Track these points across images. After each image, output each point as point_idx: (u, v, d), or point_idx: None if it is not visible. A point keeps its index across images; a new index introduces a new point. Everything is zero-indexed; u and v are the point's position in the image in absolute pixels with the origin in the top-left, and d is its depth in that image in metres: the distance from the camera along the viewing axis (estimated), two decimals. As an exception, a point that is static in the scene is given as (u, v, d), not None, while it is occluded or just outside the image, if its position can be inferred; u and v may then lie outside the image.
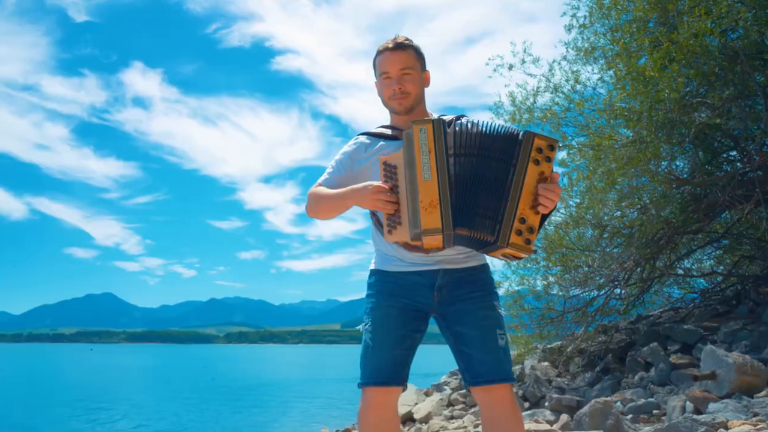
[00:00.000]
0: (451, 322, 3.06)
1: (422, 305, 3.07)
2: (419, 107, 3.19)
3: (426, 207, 2.64)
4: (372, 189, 2.83)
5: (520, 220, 2.62)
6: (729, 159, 10.03)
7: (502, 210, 2.64)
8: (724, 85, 7.97)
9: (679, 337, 8.58)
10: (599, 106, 8.81)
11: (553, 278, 10.32)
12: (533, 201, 2.66)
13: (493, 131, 2.74)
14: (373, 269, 3.21)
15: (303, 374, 48.28)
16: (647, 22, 8.44)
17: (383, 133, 3.23)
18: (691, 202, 9.34)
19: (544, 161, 2.68)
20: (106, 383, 36.22)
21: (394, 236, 2.81)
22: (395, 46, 3.12)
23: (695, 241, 10.87)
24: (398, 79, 3.10)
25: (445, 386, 11.76)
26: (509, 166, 2.68)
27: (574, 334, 10.51)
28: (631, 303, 10.67)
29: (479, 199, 2.69)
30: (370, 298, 3.16)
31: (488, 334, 2.98)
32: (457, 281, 3.05)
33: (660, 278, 10.60)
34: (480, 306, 3.02)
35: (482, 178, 2.70)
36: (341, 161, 3.24)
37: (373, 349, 3.03)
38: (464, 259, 3.07)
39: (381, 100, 3.22)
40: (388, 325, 3.05)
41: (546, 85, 9.61)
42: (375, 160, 3.07)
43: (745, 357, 6.26)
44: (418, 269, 3.05)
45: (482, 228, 2.66)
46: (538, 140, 2.69)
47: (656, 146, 7.91)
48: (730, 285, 10.70)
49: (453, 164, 2.71)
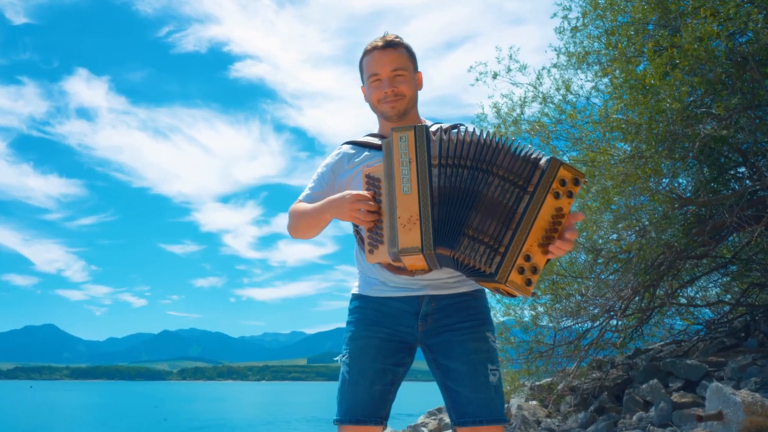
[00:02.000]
0: (437, 354, 3.00)
1: (406, 335, 2.99)
2: (413, 112, 3.17)
3: (405, 223, 2.59)
4: (350, 198, 2.79)
5: (525, 256, 2.51)
6: (737, 176, 10.04)
7: (506, 240, 2.54)
8: (731, 94, 7.92)
9: (681, 374, 8.54)
10: (593, 117, 8.74)
11: (543, 308, 10.29)
12: (543, 238, 2.54)
13: (505, 147, 2.61)
14: (355, 293, 3.17)
15: (266, 414, 48.13)
16: (646, 24, 8.43)
17: (369, 143, 3.20)
18: (695, 224, 9.28)
19: (565, 195, 2.55)
20: (47, 424, 35.94)
21: (375, 256, 2.76)
22: (385, 44, 3.09)
23: (700, 267, 10.87)
24: (390, 81, 3.07)
25: (423, 428, 11.71)
26: (523, 191, 2.56)
27: (565, 369, 10.48)
28: (629, 335, 10.67)
29: (470, 217, 2.60)
30: (349, 326, 3.12)
31: (479, 369, 2.92)
32: (445, 308, 2.95)
33: (660, 308, 10.58)
34: (470, 337, 2.96)
35: (476, 194, 2.62)
36: (323, 174, 3.24)
37: (350, 383, 3.01)
38: (455, 283, 2.97)
39: (369, 106, 3.20)
40: (366, 357, 3.01)
41: (534, 94, 9.56)
42: (358, 173, 3.05)
43: (754, 395, 6.21)
44: (401, 294, 2.97)
45: (472, 252, 2.54)
46: (564, 171, 2.55)
47: (656, 162, 7.87)
48: (739, 315, 10.72)
49: (438, 176, 2.63)
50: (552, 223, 2.54)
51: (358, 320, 3.08)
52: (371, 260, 2.79)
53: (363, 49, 3.19)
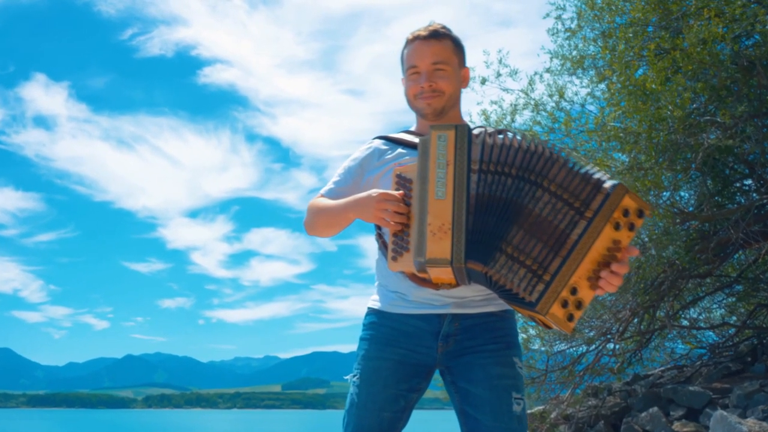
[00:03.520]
0: (457, 377, 2.94)
1: (424, 357, 2.95)
2: (453, 111, 3.10)
3: (435, 231, 2.51)
4: (377, 197, 2.73)
5: (571, 289, 2.40)
6: (743, 189, 10.09)
7: (552, 268, 2.41)
8: (737, 101, 7.95)
9: (683, 401, 8.55)
10: (589, 126, 8.75)
11: (534, 331, 10.27)
12: (593, 272, 2.43)
13: (560, 159, 2.49)
14: (371, 308, 3.11)
15: (237, 445, 48.00)
16: (646, 25, 8.43)
17: (403, 139, 3.14)
18: (698, 241, 9.31)
19: (625, 228, 2.45)
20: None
21: (399, 264, 2.70)
22: (429, 34, 3.02)
23: (703, 287, 10.90)
24: (429, 75, 3.00)
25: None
26: (579, 216, 2.44)
27: (558, 397, 10.48)
28: (627, 360, 10.69)
29: (509, 232, 2.49)
30: (362, 343, 3.06)
31: (502, 396, 2.85)
32: (469, 329, 2.89)
33: (661, 331, 10.60)
34: (495, 361, 2.89)
35: (519, 207, 2.50)
36: (350, 169, 3.19)
37: (358, 407, 2.95)
38: (481, 302, 2.90)
39: (406, 101, 3.15)
40: (378, 380, 2.95)
41: (526, 101, 9.56)
42: (388, 171, 2.97)
43: (762, 424, 6.23)
44: (421, 312, 2.91)
45: (510, 274, 2.44)
46: (629, 200, 2.43)
47: (657, 174, 7.86)
48: (745, 339, 10.76)
49: (477, 182, 2.55)
50: (606, 257, 2.44)
51: (372, 338, 3.02)
52: (393, 268, 2.72)
53: (405, 38, 3.12)
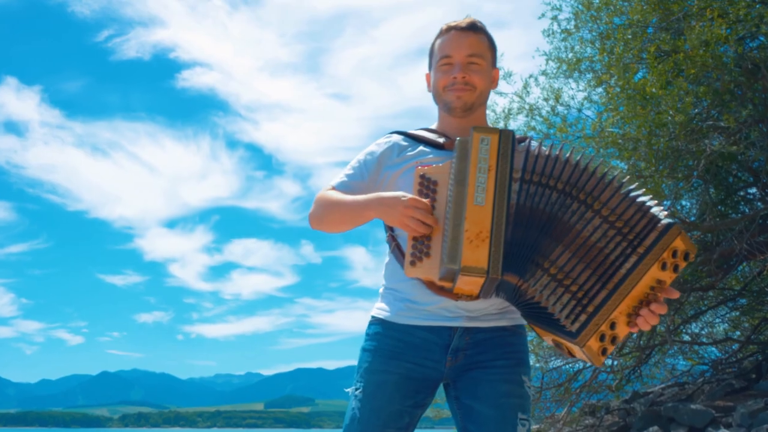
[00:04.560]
0: (461, 392, 2.89)
1: (430, 371, 2.90)
2: (480, 110, 3.08)
3: (472, 239, 2.48)
4: (406, 201, 2.66)
5: (610, 324, 2.41)
6: (747, 197, 10.10)
7: (598, 300, 2.41)
8: (741, 106, 7.95)
9: (685, 420, 8.55)
10: (586, 131, 8.75)
11: (529, 345, 10.23)
12: (633, 308, 2.44)
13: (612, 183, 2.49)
14: (375, 316, 3.04)
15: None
16: (646, 26, 8.43)
17: (426, 137, 3.07)
18: (700, 252, 9.29)
19: (671, 269, 2.44)
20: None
21: (417, 270, 2.64)
22: (467, 26, 3.00)
23: (705, 301, 10.92)
24: (463, 66, 2.95)
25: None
26: (632, 249, 2.44)
27: (554, 415, 10.46)
28: (626, 377, 10.66)
29: (547, 247, 2.50)
30: (365, 354, 3.00)
31: (507, 416, 2.80)
32: (480, 344, 2.86)
33: (661, 346, 10.61)
34: (503, 378, 2.84)
35: (562, 224, 2.50)
36: (366, 163, 3.11)
37: (360, 422, 2.90)
38: (495, 315, 2.87)
39: (432, 95, 3.12)
40: (382, 395, 2.90)
41: (520, 105, 9.59)
42: (409, 169, 2.90)
43: (768, 444, 6.21)
44: (431, 323, 2.86)
45: (552, 296, 2.44)
46: (681, 242, 2.44)
47: (657, 181, 7.87)
48: (749, 354, 10.77)
49: (518, 192, 2.54)
50: (648, 295, 2.45)
51: (377, 350, 2.96)
52: (410, 274, 2.67)
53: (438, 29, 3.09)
